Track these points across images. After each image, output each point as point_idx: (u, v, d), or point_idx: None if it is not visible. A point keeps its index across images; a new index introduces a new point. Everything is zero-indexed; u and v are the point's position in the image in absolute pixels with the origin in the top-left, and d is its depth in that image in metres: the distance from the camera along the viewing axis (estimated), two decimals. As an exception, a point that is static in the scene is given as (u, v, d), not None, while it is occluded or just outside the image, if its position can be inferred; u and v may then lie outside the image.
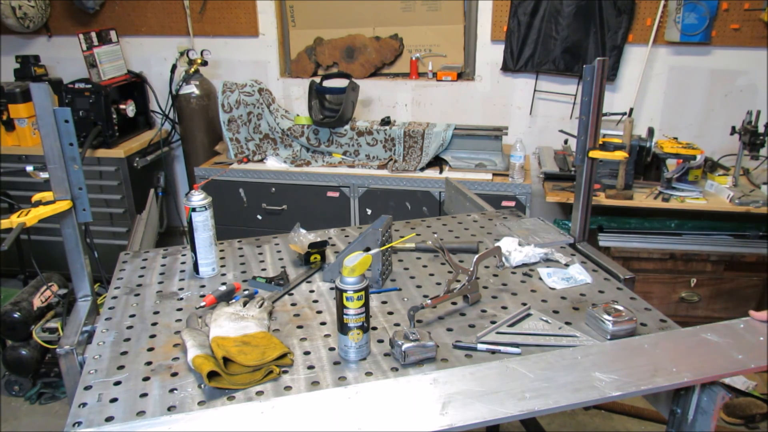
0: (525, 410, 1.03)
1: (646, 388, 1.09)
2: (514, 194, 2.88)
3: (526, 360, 1.15)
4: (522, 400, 1.04)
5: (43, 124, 1.33)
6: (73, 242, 1.45)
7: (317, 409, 1.02)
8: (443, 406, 1.03)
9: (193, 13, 3.59)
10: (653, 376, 1.11)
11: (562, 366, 1.14)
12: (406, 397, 1.06)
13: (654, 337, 1.26)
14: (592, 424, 2.68)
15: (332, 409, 1.02)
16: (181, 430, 0.97)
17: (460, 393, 1.06)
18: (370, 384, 1.10)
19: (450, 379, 1.10)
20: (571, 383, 1.09)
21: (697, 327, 1.27)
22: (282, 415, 1.01)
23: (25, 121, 3.37)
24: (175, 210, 3.83)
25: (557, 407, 1.04)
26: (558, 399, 1.05)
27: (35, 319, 2.65)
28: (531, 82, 3.33)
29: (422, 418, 1.01)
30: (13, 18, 3.50)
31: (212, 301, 1.44)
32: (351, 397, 1.05)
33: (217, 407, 1.05)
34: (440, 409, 1.02)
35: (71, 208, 1.41)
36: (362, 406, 1.03)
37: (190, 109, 3.46)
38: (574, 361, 1.15)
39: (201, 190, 1.59)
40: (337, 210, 3.09)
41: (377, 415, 1.01)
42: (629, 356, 1.17)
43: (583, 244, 1.80)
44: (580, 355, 1.17)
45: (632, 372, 1.12)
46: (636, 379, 1.10)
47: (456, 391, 1.07)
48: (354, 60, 3.55)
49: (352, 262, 1.18)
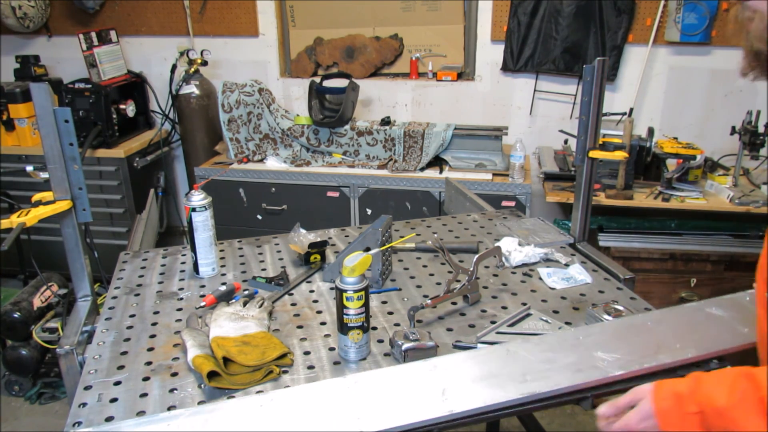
0: (526, 393, 1.02)
1: (649, 365, 1.07)
2: (514, 194, 2.88)
3: (526, 342, 1.14)
4: (523, 383, 1.03)
5: (43, 124, 1.33)
6: (73, 242, 1.45)
7: (316, 400, 1.02)
8: (443, 392, 1.02)
9: (193, 13, 3.59)
10: (657, 353, 1.10)
11: (564, 347, 1.12)
12: (406, 384, 1.05)
13: (657, 313, 1.24)
14: (592, 424, 2.67)
15: (332, 399, 1.02)
16: (182, 425, 0.98)
17: (460, 378, 1.06)
18: (370, 373, 1.10)
19: (450, 364, 1.09)
20: (573, 364, 1.08)
21: (702, 301, 1.25)
22: (281, 407, 1.01)
23: (25, 121, 3.37)
24: (175, 210, 3.83)
25: (558, 389, 1.03)
26: (559, 381, 1.04)
27: (35, 319, 2.65)
28: (531, 82, 3.33)
29: (423, 404, 1.00)
30: (13, 18, 3.50)
31: (212, 301, 1.44)
32: (350, 386, 1.05)
33: (215, 402, 1.05)
34: (441, 395, 1.01)
35: (71, 208, 1.41)
36: (362, 394, 1.03)
37: (190, 109, 3.46)
38: (576, 342, 1.14)
39: (201, 190, 1.59)
40: (337, 210, 3.09)
41: (377, 404, 1.01)
42: (632, 334, 1.15)
43: (583, 244, 1.80)
44: (581, 335, 1.16)
45: (635, 350, 1.10)
46: (639, 357, 1.08)
47: (456, 377, 1.06)
48: (354, 60, 3.55)
49: (352, 262, 1.18)
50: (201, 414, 1.00)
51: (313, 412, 1.00)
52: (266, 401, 1.02)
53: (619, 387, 1.07)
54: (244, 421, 0.98)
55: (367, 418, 0.97)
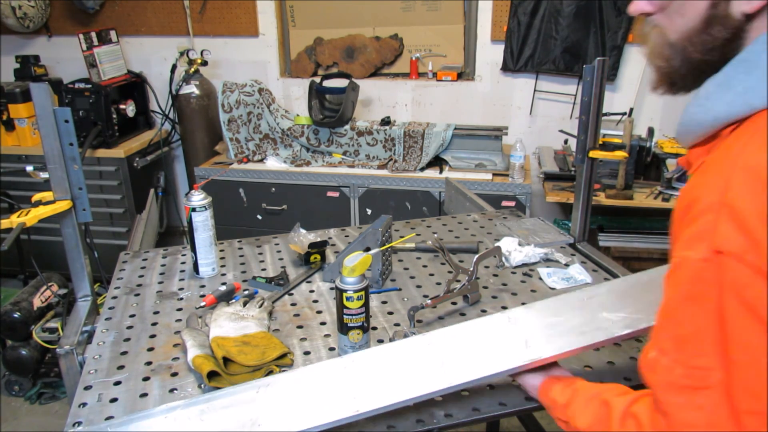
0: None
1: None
2: (514, 194, 2.88)
3: (529, 309, 1.13)
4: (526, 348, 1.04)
5: (43, 124, 1.33)
6: (73, 242, 1.45)
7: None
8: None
9: (193, 13, 3.59)
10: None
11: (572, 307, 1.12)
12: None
13: (666, 268, 1.23)
14: (592, 424, 2.67)
15: (328, 379, 1.03)
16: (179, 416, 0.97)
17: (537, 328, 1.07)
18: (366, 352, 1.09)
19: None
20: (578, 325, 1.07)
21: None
22: (279, 391, 1.01)
23: (25, 121, 3.37)
24: (175, 210, 3.83)
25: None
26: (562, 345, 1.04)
27: (35, 319, 2.65)
28: (531, 82, 3.32)
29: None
30: (13, 18, 3.50)
31: (212, 301, 1.44)
32: (347, 366, 1.05)
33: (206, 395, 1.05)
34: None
35: (71, 208, 1.41)
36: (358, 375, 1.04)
37: (190, 109, 3.46)
38: (582, 304, 1.12)
39: (201, 190, 1.59)
40: (337, 210, 3.09)
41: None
42: (639, 293, 1.13)
43: (583, 244, 1.80)
44: (586, 296, 1.14)
45: (642, 308, 1.08)
46: (647, 316, 1.05)
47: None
48: (354, 60, 3.55)
49: (352, 262, 1.18)
50: (197, 404, 0.99)
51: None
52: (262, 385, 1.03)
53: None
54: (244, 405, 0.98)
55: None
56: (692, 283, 0.73)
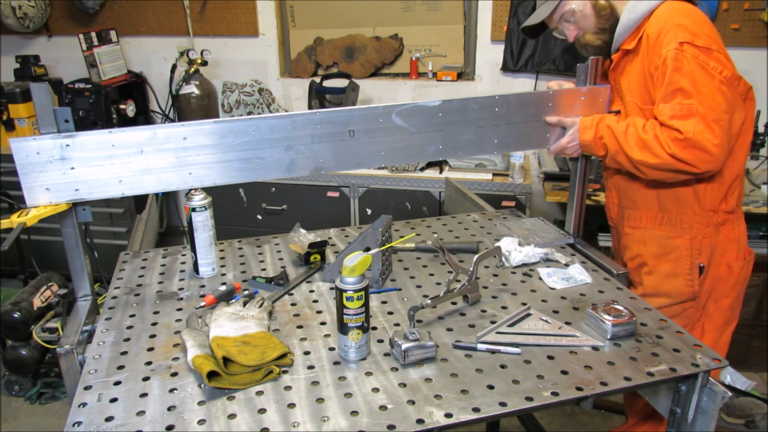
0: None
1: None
2: (514, 194, 2.88)
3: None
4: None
5: (43, 124, 1.33)
6: (73, 242, 1.45)
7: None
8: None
9: (193, 13, 3.59)
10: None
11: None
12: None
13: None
14: (592, 423, 2.68)
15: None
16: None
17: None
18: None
19: None
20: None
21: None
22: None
23: (25, 121, 3.37)
24: (175, 210, 3.83)
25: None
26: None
27: (35, 319, 2.65)
28: (531, 82, 3.32)
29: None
30: (13, 18, 3.50)
31: (212, 301, 1.44)
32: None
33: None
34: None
35: (71, 208, 1.41)
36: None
37: (190, 109, 3.46)
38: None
39: (201, 190, 1.59)
40: (337, 210, 3.09)
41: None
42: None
43: (582, 243, 1.81)
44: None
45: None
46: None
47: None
48: (354, 60, 3.55)
49: (352, 262, 1.18)
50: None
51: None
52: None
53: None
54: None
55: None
56: (674, 61, 1.51)
